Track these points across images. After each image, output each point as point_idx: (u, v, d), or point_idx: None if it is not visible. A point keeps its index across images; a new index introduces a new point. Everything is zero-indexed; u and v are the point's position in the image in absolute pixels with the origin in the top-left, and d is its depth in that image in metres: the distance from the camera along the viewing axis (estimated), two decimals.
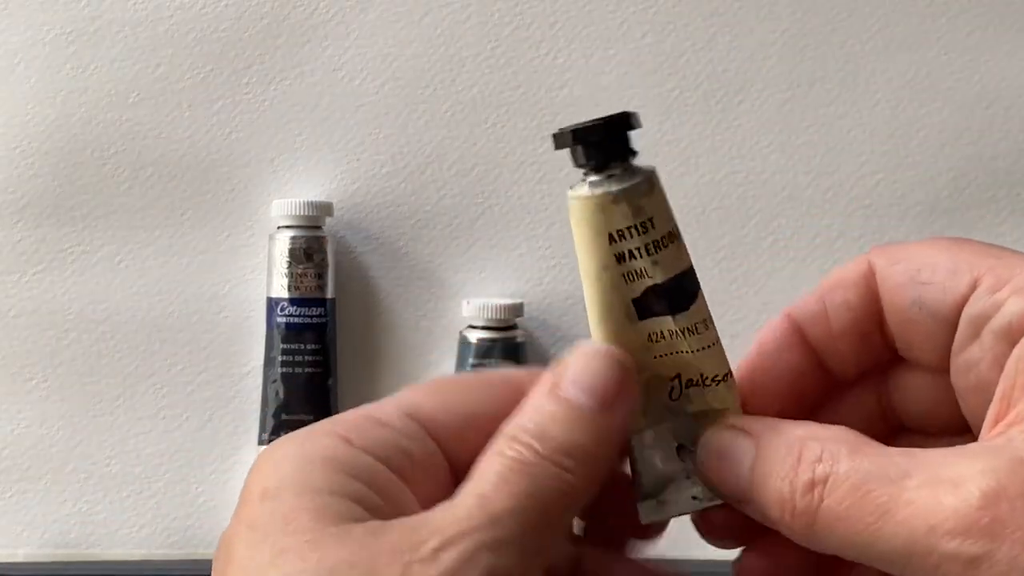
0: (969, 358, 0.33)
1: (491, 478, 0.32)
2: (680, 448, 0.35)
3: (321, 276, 0.87)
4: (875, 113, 0.91)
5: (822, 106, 0.91)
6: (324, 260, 0.87)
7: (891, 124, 0.91)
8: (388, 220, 0.90)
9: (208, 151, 0.89)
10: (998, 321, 0.33)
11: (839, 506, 0.31)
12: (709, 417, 0.35)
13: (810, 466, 0.31)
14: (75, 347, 0.89)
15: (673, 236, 0.36)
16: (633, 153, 0.36)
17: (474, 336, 0.86)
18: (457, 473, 0.34)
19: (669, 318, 0.35)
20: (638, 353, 0.35)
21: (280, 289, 0.86)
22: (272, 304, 0.87)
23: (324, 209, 0.87)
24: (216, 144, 0.89)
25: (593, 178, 0.36)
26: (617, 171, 0.36)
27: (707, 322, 0.36)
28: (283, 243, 0.86)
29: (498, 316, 0.86)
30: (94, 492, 0.89)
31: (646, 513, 0.35)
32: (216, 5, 0.89)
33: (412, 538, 0.31)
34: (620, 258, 0.35)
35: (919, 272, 0.34)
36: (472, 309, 0.86)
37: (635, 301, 0.35)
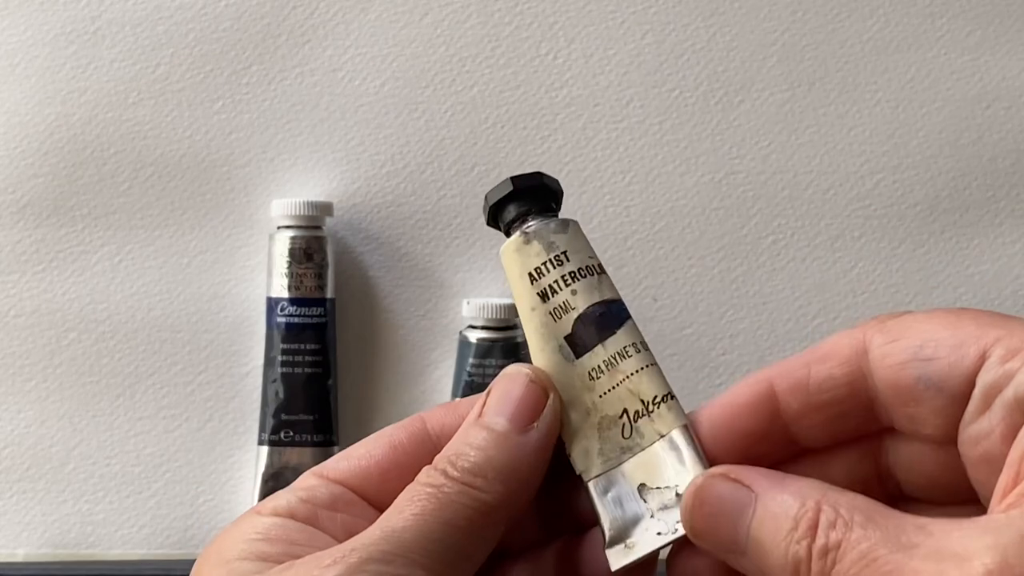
0: (979, 430, 0.33)
1: (400, 503, 0.35)
2: (641, 487, 0.35)
3: (321, 276, 0.87)
4: (875, 113, 0.91)
5: (822, 106, 0.91)
6: (324, 260, 0.87)
7: (891, 124, 0.91)
8: (388, 220, 0.90)
9: (208, 151, 0.89)
10: (1011, 391, 0.32)
11: (847, 572, 0.31)
12: (663, 446, 0.35)
13: (825, 531, 0.31)
14: (75, 347, 0.89)
15: (593, 270, 0.37)
16: (550, 208, 0.38)
17: (474, 336, 0.86)
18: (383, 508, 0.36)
19: (600, 346, 0.36)
20: (584, 396, 0.36)
21: (280, 289, 0.86)
22: (272, 304, 0.87)
23: (324, 209, 0.87)
24: (216, 144, 0.89)
25: (514, 233, 0.37)
26: (533, 223, 0.37)
27: (639, 345, 0.36)
28: (283, 243, 0.86)
29: (498, 316, 0.86)
30: (94, 492, 0.89)
31: (615, 559, 0.36)
32: (216, 5, 0.89)
33: (313, 566, 0.33)
34: (543, 296, 0.36)
35: (921, 349, 0.34)
36: (472, 309, 0.86)
37: (567, 339, 0.36)
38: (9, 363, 0.89)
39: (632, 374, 0.36)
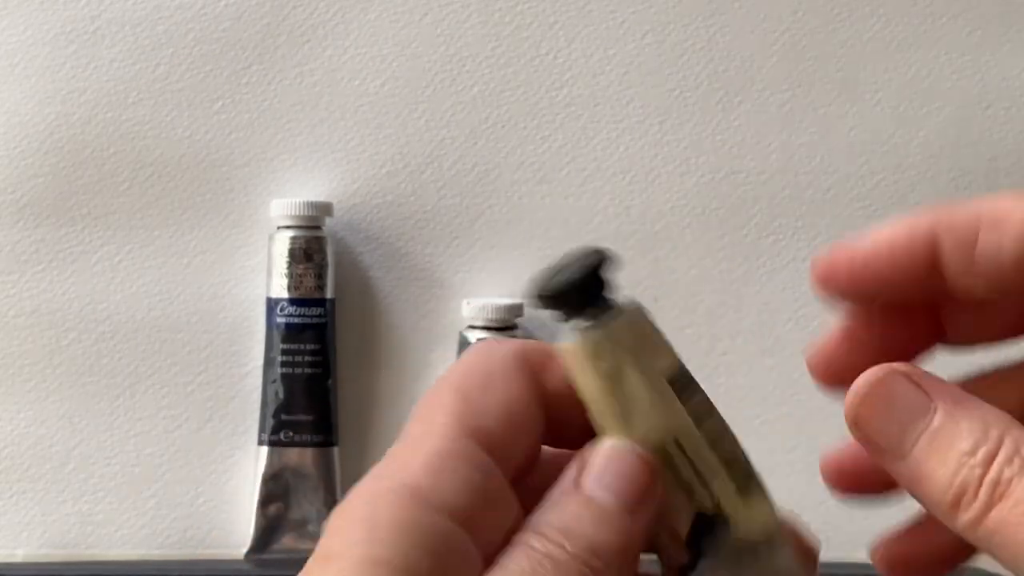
0: None
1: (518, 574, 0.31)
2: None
3: (321, 276, 0.87)
4: (875, 113, 0.91)
5: (822, 106, 0.91)
6: (324, 260, 0.87)
7: (891, 124, 0.91)
8: (388, 220, 0.90)
9: (207, 151, 0.89)
10: None
11: (1009, 511, 0.30)
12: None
13: (1001, 465, 0.30)
14: (75, 347, 0.89)
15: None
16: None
17: (474, 336, 0.86)
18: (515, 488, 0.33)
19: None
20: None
21: (280, 289, 0.86)
22: (272, 304, 0.87)
23: (324, 209, 0.87)
24: (215, 144, 0.89)
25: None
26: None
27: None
28: (283, 243, 0.86)
29: (498, 316, 0.86)
30: (94, 492, 0.89)
31: None
32: (216, 5, 0.89)
33: None
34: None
35: None
36: (472, 309, 0.86)
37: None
38: (9, 363, 0.89)
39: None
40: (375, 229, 0.90)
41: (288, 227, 0.87)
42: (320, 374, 0.87)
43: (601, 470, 0.32)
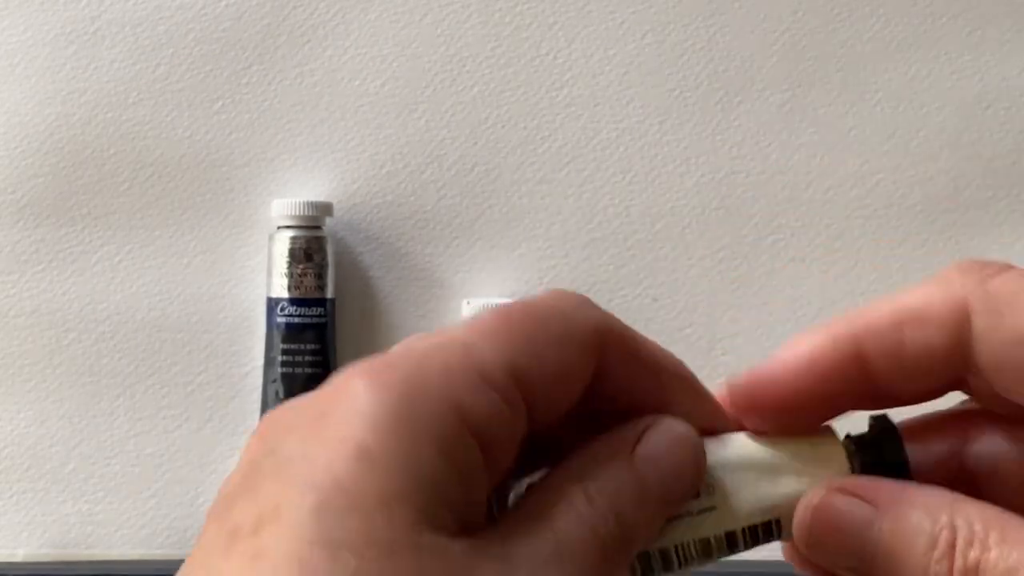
0: None
1: (576, 545, 0.30)
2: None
3: (321, 276, 0.87)
4: (875, 113, 0.91)
5: (822, 106, 0.91)
6: (324, 260, 0.87)
7: (891, 124, 0.91)
8: (388, 220, 0.90)
9: (208, 151, 0.89)
10: None
11: None
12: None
13: (963, 552, 0.30)
14: (75, 347, 0.89)
15: None
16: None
17: None
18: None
19: None
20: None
21: (280, 289, 0.86)
22: (272, 304, 0.87)
23: (324, 209, 0.87)
24: (216, 144, 0.89)
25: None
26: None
27: None
28: (283, 243, 0.86)
29: None
30: (94, 492, 0.89)
31: None
32: (216, 5, 0.90)
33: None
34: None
35: None
36: (472, 309, 0.86)
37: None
38: (9, 363, 0.89)
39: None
40: (375, 229, 0.90)
41: (288, 227, 0.87)
42: (320, 374, 0.87)
43: (658, 451, 0.32)
